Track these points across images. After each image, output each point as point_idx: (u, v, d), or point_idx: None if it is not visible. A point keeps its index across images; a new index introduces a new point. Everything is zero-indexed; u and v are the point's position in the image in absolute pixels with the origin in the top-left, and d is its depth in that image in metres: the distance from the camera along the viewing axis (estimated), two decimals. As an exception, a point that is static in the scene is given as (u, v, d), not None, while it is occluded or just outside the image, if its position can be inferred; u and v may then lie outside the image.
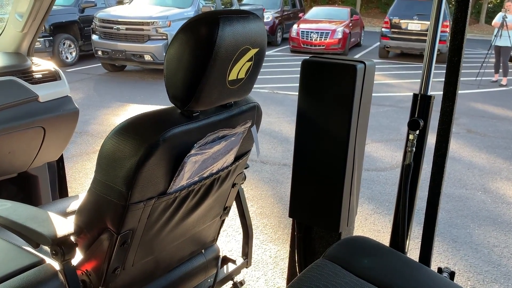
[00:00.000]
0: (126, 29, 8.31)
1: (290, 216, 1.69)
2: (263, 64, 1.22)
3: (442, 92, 1.46)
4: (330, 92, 1.51)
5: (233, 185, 1.44)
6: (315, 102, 1.55)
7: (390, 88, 8.19)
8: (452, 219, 3.40)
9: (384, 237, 3.08)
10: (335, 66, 1.49)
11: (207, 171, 1.20)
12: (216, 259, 1.54)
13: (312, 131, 1.56)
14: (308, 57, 1.55)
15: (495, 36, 8.73)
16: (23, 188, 2.14)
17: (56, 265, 0.98)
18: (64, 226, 1.07)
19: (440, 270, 1.52)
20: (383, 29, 12.23)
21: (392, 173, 4.23)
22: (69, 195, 2.40)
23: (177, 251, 1.38)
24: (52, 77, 1.93)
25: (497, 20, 8.74)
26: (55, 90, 1.92)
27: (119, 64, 8.97)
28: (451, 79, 1.41)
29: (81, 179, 3.89)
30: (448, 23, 10.89)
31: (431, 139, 1.50)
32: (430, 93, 1.47)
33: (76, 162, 4.29)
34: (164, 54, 8.18)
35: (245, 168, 1.51)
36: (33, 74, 1.87)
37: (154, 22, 8.23)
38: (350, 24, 13.15)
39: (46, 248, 1.12)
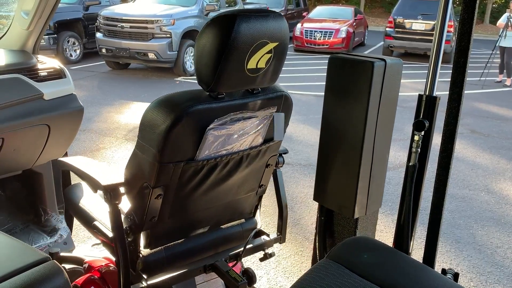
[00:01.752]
0: (130, 27, 8.32)
1: (314, 199, 1.80)
2: None
3: (445, 92, 1.46)
4: (351, 87, 1.57)
5: (267, 165, 1.58)
6: (338, 97, 1.63)
7: (394, 88, 8.16)
8: (455, 219, 3.40)
9: (387, 237, 3.07)
10: (355, 63, 1.55)
11: (234, 147, 1.38)
12: (252, 230, 1.70)
13: (335, 123, 1.65)
14: (335, 54, 1.65)
15: (499, 36, 8.70)
16: (28, 185, 2.15)
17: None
18: (115, 177, 1.38)
19: (444, 271, 1.52)
20: (387, 29, 12.19)
21: (395, 173, 4.23)
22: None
23: (213, 215, 1.56)
24: (57, 75, 1.93)
25: (502, 21, 8.71)
26: (60, 88, 1.92)
27: (123, 62, 8.98)
28: (457, 80, 1.41)
29: (84, 177, 3.90)
30: (452, 23, 10.86)
31: (435, 140, 1.50)
32: (435, 93, 1.46)
33: (79, 159, 4.30)
34: (168, 52, 8.23)
35: (284, 153, 1.69)
36: (39, 72, 1.87)
37: (158, 20, 8.23)
38: (354, 24, 13.13)
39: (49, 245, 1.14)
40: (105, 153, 4.50)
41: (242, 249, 1.64)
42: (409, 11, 11.80)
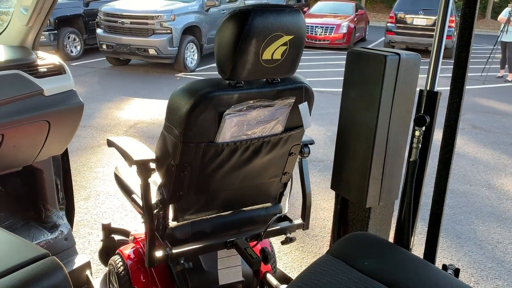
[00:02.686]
0: (131, 23, 8.30)
1: (331, 188, 1.85)
2: None
3: (446, 88, 1.45)
4: (365, 80, 1.60)
5: (290, 154, 1.66)
6: (354, 90, 1.66)
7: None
8: (456, 215, 3.39)
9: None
10: (369, 57, 1.58)
11: (253, 133, 1.49)
12: (275, 215, 1.78)
13: (351, 115, 1.69)
14: (353, 48, 1.70)
15: (501, 31, 8.67)
16: (28, 181, 2.15)
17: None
18: (146, 154, 1.54)
19: (444, 267, 1.52)
20: (388, 24, 12.16)
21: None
22: (74, 189, 2.41)
23: (238, 197, 1.69)
24: (57, 71, 1.92)
25: (503, 15, 8.67)
26: (60, 84, 1.91)
27: (123, 58, 8.97)
28: (459, 75, 1.40)
29: (85, 173, 3.90)
30: (454, 18, 10.82)
31: (436, 135, 1.49)
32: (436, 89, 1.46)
33: (80, 155, 4.30)
34: (169, 48, 8.21)
35: (310, 143, 1.77)
36: (38, 68, 1.86)
37: (158, 16, 8.21)
38: (355, 19, 13.08)
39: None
40: (105, 149, 4.50)
41: (263, 230, 1.73)
42: (410, 6, 11.76)
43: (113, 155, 4.35)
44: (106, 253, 2.21)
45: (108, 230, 2.20)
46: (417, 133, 1.44)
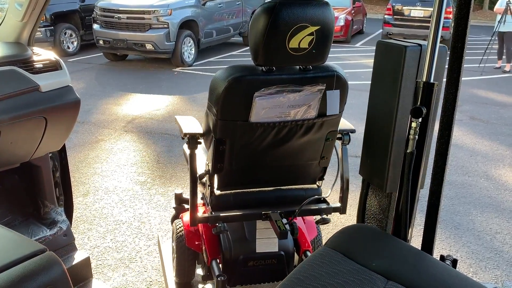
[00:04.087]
0: (127, 18, 8.26)
1: (359, 173, 1.92)
2: None
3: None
4: (388, 70, 1.64)
5: (327, 139, 1.76)
6: (380, 80, 1.71)
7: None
8: (454, 206, 3.40)
9: (386, 225, 3.08)
10: (392, 47, 1.61)
11: (286, 116, 1.61)
12: (313, 196, 1.89)
13: (377, 103, 1.76)
14: (381, 40, 1.75)
15: (498, 22, 8.65)
16: (26, 178, 2.15)
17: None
18: (195, 128, 1.78)
19: (442, 257, 1.52)
20: (385, 16, 12.12)
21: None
22: (72, 185, 2.41)
23: (277, 175, 1.83)
24: (53, 66, 1.91)
25: (499, 6, 8.65)
26: (56, 80, 1.90)
27: (120, 53, 8.94)
28: (455, 66, 1.40)
29: (84, 169, 3.90)
30: (451, 9, 10.78)
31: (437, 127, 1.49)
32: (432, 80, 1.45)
33: (79, 151, 4.30)
34: (166, 42, 8.18)
35: (351, 132, 1.88)
36: (34, 64, 1.85)
37: (155, 10, 8.17)
38: (353, 11, 13.03)
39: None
40: (104, 145, 4.50)
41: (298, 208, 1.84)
42: (407, -2, 11.73)
43: (111, 150, 4.35)
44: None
45: (179, 199, 2.41)
46: (413, 124, 1.44)
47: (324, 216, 1.89)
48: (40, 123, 1.85)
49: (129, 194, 3.45)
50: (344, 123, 1.91)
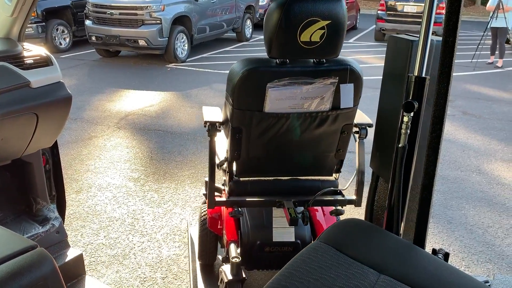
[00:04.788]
0: (120, 13, 8.21)
1: (370, 165, 1.93)
2: (254, 47, 1.46)
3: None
4: (396, 65, 1.66)
5: (342, 132, 1.81)
6: (390, 74, 1.74)
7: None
8: (447, 200, 3.43)
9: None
10: (401, 42, 1.63)
11: (300, 108, 1.67)
12: (329, 187, 1.94)
13: (386, 98, 1.79)
14: (393, 35, 1.77)
15: (490, 17, 8.68)
16: (18, 175, 2.13)
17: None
18: (215, 117, 1.85)
19: (434, 251, 1.53)
20: (378, 12, 12.12)
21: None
22: (65, 182, 2.40)
23: (292, 164, 1.89)
24: (43, 62, 1.90)
25: (491, 4, 8.68)
26: (47, 75, 1.89)
27: (113, 49, 8.89)
28: (446, 60, 1.40)
29: (77, 166, 3.88)
30: (444, 5, 10.80)
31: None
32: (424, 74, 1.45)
33: (71, 148, 4.28)
34: (158, 38, 8.14)
35: (369, 126, 1.91)
36: (24, 59, 1.84)
37: (147, 6, 8.12)
38: (346, 7, 13.02)
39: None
40: (97, 141, 4.48)
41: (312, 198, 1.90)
42: (400, -7, 11.73)
43: (104, 147, 4.33)
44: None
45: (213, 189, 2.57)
46: (405, 119, 1.44)
47: (339, 207, 1.93)
48: (31, 120, 1.83)
49: (123, 191, 3.44)
50: (362, 117, 1.95)
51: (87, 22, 8.58)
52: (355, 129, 1.91)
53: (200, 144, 4.42)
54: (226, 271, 1.86)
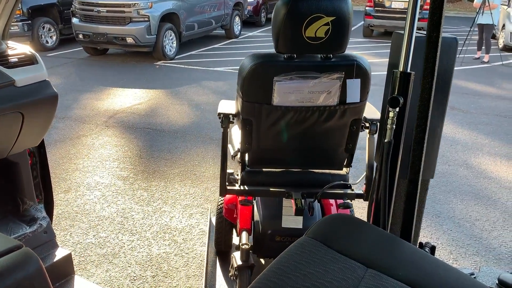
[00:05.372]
0: (107, 11, 8.14)
1: (374, 159, 1.93)
2: (243, 44, 1.47)
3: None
4: (399, 61, 1.62)
5: (351, 126, 1.84)
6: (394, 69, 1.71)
7: (374, 67, 8.17)
8: (435, 194, 3.46)
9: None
10: (402, 38, 1.57)
11: (308, 101, 1.72)
12: (338, 181, 1.99)
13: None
14: (397, 31, 1.76)
15: (477, 13, 8.77)
16: (4, 175, 2.11)
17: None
18: (228, 109, 1.93)
19: (421, 245, 1.55)
20: (366, 8, 12.17)
21: (377, 151, 4.26)
22: (54, 181, 2.38)
23: (302, 157, 1.96)
24: (28, 61, 1.88)
25: (477, 0, 8.77)
26: (32, 74, 1.87)
27: (101, 47, 8.82)
28: (430, 55, 1.41)
29: (65, 165, 3.85)
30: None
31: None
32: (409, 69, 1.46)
33: (59, 147, 4.24)
34: (147, 36, 8.08)
35: (380, 122, 1.87)
36: (9, 58, 1.82)
37: (135, 3, 8.07)
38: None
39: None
40: (85, 140, 4.44)
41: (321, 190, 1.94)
42: (388, -11, 11.77)
43: (92, 146, 4.30)
44: None
45: (228, 177, 2.67)
46: (391, 114, 1.45)
47: (347, 201, 1.99)
48: (17, 119, 1.82)
49: (112, 190, 3.42)
50: (373, 112, 1.98)
51: (74, 20, 8.50)
52: (365, 124, 1.95)
53: (190, 142, 4.41)
54: (236, 257, 1.95)
